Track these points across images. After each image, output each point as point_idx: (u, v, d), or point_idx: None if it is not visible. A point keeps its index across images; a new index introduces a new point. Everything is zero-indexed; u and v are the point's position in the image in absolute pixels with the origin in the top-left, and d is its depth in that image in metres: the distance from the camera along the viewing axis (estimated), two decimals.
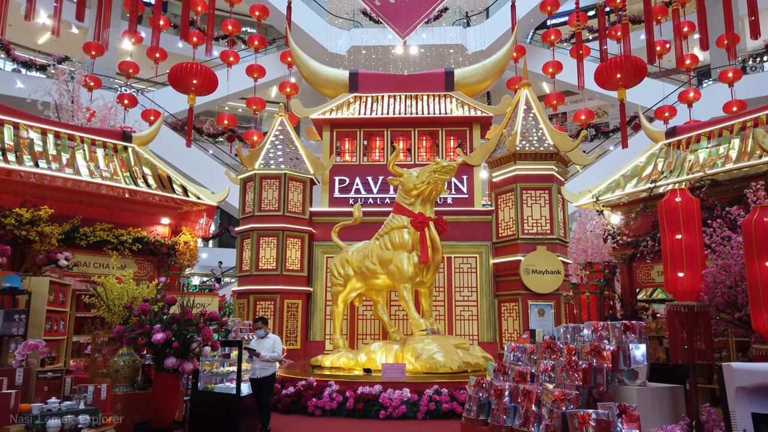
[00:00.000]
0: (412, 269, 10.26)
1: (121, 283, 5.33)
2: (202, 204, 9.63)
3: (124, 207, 9.04)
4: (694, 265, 5.54)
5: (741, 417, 1.11)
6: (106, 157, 9.06)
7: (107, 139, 9.34)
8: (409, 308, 10.35)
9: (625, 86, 13.31)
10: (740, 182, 6.83)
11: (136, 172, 9.22)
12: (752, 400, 1.12)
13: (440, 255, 10.38)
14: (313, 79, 14.89)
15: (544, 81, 26.55)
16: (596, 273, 8.70)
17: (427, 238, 10.18)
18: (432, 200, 10.44)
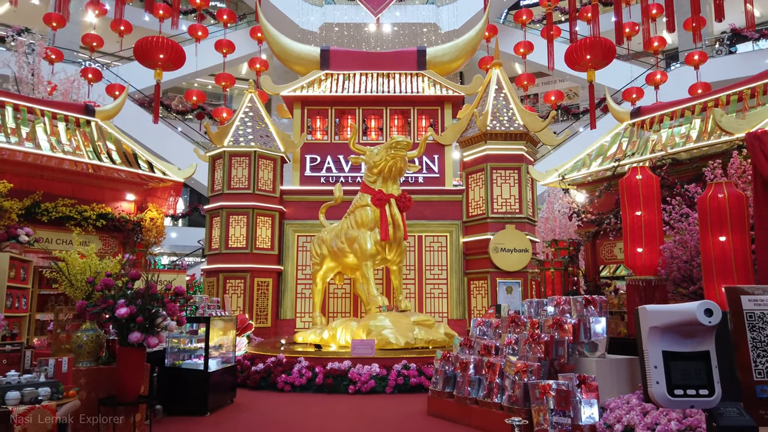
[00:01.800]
0: (373, 247, 10.34)
1: (84, 258, 5.25)
2: (168, 180, 9.49)
3: (87, 182, 8.86)
4: (653, 241, 5.72)
5: (653, 354, 1.22)
6: (68, 131, 8.83)
7: (69, 113, 9.09)
8: (368, 286, 10.47)
9: (594, 67, 13.50)
10: (700, 161, 7.03)
11: (99, 147, 9.02)
12: (663, 339, 1.23)
13: (402, 232, 10.33)
14: (284, 55, 14.69)
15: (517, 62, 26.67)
16: (561, 250, 8.89)
17: (387, 215, 10.20)
18: (394, 177, 10.38)
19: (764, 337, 1.53)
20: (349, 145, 10.78)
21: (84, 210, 8.39)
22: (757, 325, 1.52)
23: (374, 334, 9.68)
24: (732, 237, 4.92)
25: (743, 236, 4.98)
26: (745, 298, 1.55)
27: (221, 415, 7.17)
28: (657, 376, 1.29)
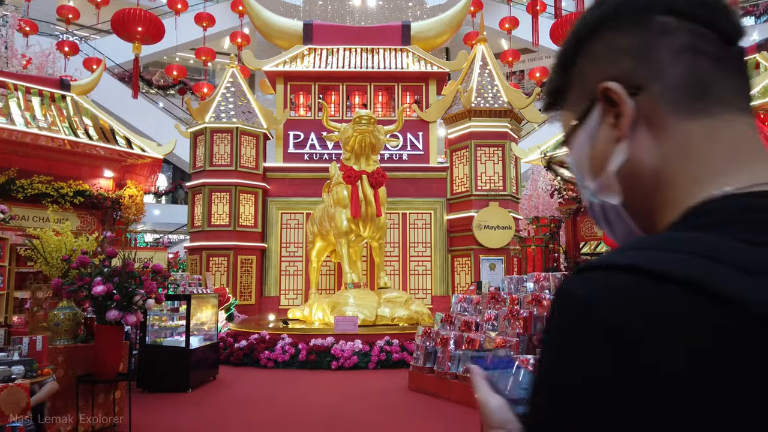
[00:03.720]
0: (346, 224, 10.34)
1: (59, 235, 5.18)
2: (147, 157, 9.32)
3: (63, 159, 8.67)
4: None
5: None
6: (43, 106, 8.61)
7: (43, 87, 8.85)
8: (342, 263, 10.54)
9: None
10: None
11: (75, 122, 8.82)
12: None
13: (374, 209, 10.26)
14: (266, 29, 14.43)
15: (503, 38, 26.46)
16: (542, 227, 8.94)
17: (359, 191, 10.13)
18: (366, 153, 10.24)
19: None
20: (323, 123, 10.68)
21: (60, 187, 8.23)
22: None
23: (336, 311, 9.80)
24: None
25: None
26: None
27: (203, 391, 7.20)
28: None
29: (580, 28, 0.65)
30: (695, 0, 0.60)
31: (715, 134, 0.57)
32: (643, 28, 0.60)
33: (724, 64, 0.59)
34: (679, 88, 0.58)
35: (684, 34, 0.59)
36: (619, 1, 0.62)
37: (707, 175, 0.56)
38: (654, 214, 0.60)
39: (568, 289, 0.48)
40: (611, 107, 0.61)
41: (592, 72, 0.63)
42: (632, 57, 0.60)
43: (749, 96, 0.61)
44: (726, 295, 0.42)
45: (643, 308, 0.43)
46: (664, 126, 0.59)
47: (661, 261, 0.45)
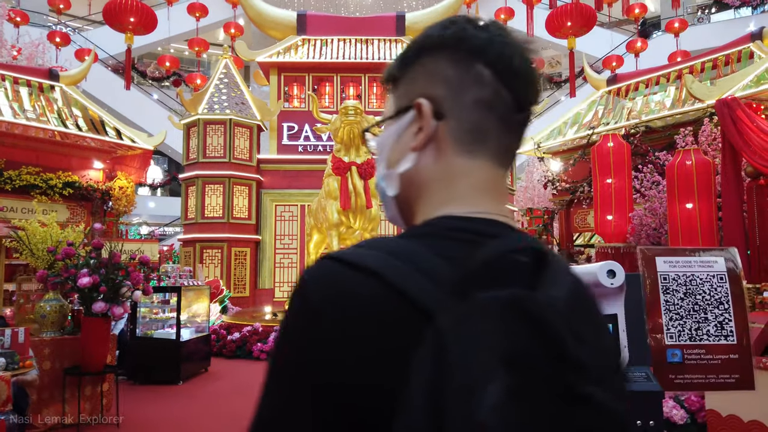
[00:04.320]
0: (336, 216, 10.30)
1: (45, 227, 5.12)
2: (137, 148, 9.24)
3: (52, 150, 8.59)
4: (622, 208, 5.73)
5: None
6: (31, 96, 8.53)
7: (32, 77, 8.76)
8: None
9: (574, 34, 13.34)
10: (673, 129, 7.01)
11: (64, 113, 8.73)
12: None
13: (363, 200, 10.19)
14: (259, 20, 14.31)
15: None
16: (536, 219, 8.91)
17: (348, 183, 10.08)
18: (356, 145, 10.18)
19: (678, 300, 1.46)
20: (313, 114, 10.60)
21: (49, 178, 8.16)
22: (671, 288, 1.45)
23: None
24: (698, 204, 4.93)
25: (709, 203, 5.00)
26: (660, 260, 1.49)
27: (194, 383, 7.17)
28: None
29: (427, 40, 0.74)
30: (514, 68, 0.70)
31: (472, 173, 0.71)
32: (466, 69, 0.70)
33: (508, 125, 0.72)
34: (466, 131, 0.71)
35: (490, 90, 0.70)
36: (462, 36, 0.71)
37: (450, 199, 0.70)
38: (414, 216, 0.74)
39: (303, 274, 0.62)
40: (419, 120, 0.72)
41: (420, 81, 0.73)
42: (449, 88, 0.71)
43: (513, 155, 0.76)
44: (399, 287, 0.57)
45: (334, 285, 0.58)
46: (444, 154, 0.71)
47: (361, 255, 0.60)
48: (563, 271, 0.62)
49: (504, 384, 0.48)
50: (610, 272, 1.18)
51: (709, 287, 1.43)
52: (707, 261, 1.45)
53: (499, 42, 0.70)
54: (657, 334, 1.41)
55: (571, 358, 0.51)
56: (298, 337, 0.59)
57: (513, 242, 0.62)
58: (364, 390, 0.55)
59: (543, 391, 0.50)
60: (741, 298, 1.42)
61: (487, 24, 0.73)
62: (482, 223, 0.67)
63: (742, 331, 1.40)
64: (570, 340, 0.52)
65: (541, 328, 0.51)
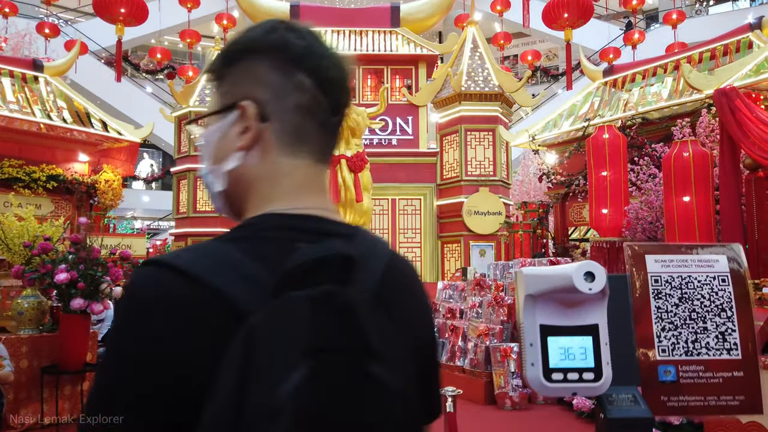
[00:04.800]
0: None
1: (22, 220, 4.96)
2: (124, 140, 9.05)
3: (35, 142, 8.38)
4: (618, 202, 5.59)
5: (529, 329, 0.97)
6: (14, 87, 8.31)
7: (15, 68, 8.54)
8: None
9: (571, 26, 13.19)
10: (670, 120, 6.86)
11: (48, 104, 8.53)
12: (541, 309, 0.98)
13: (352, 194, 10.03)
14: (252, 11, 14.08)
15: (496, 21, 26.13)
16: (531, 212, 8.76)
17: (338, 176, 9.93)
18: (345, 137, 9.98)
19: (671, 307, 1.24)
20: None
21: (33, 171, 7.96)
22: (664, 292, 1.23)
23: None
24: (696, 197, 4.79)
25: (707, 196, 4.86)
26: (650, 259, 1.26)
27: None
28: (532, 356, 1.03)
29: (249, 42, 0.79)
30: (330, 77, 0.78)
31: (295, 172, 0.77)
32: (288, 75, 0.76)
33: (325, 128, 0.79)
34: (288, 133, 0.77)
35: (310, 96, 0.77)
36: (284, 44, 0.77)
37: (274, 196, 0.76)
38: (244, 211, 0.80)
39: (130, 277, 0.70)
40: (244, 120, 0.77)
41: (244, 82, 0.78)
42: (272, 92, 0.76)
43: (330, 154, 0.83)
44: (213, 288, 0.64)
45: (154, 287, 0.66)
46: (268, 154, 0.77)
47: (181, 259, 0.67)
48: (379, 264, 0.71)
49: (305, 372, 0.54)
50: (587, 275, 0.99)
51: (708, 291, 1.24)
52: (707, 260, 1.26)
53: (317, 52, 0.78)
54: (647, 347, 1.21)
55: (370, 347, 0.58)
56: (126, 331, 0.66)
57: (328, 243, 0.67)
58: (180, 380, 0.61)
59: (341, 376, 0.55)
60: (747, 304, 1.22)
61: (306, 33, 0.79)
62: (302, 218, 0.74)
63: (749, 343, 1.20)
64: (372, 330, 0.58)
65: (346, 320, 0.58)
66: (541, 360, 0.99)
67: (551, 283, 0.99)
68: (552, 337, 0.99)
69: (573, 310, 0.98)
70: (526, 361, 1.01)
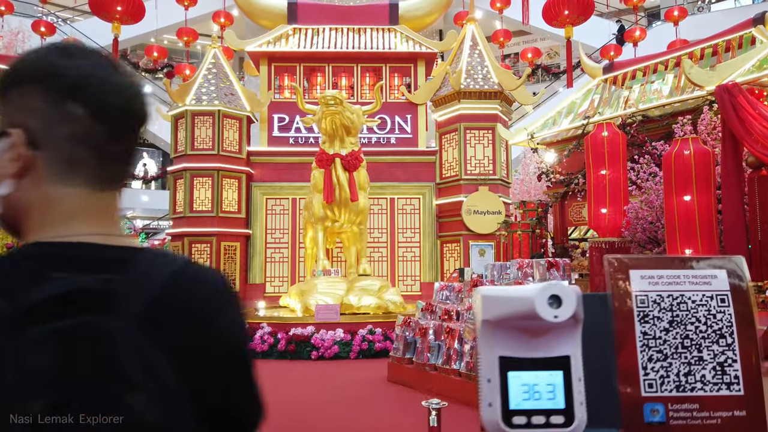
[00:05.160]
0: (320, 209, 10.10)
1: None
2: None
3: None
4: (617, 201, 5.45)
5: (486, 362, 0.79)
6: None
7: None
8: (316, 249, 10.32)
9: (572, 23, 13.02)
10: (671, 118, 6.71)
11: None
12: (501, 338, 0.79)
13: (347, 193, 9.88)
14: (249, 8, 13.97)
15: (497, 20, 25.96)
16: (529, 212, 8.63)
17: (332, 175, 9.81)
18: (341, 135, 9.84)
19: (660, 332, 1.02)
20: (299, 106, 10.34)
21: None
22: (652, 314, 1.01)
23: (303, 298, 9.66)
24: (697, 196, 4.65)
25: (708, 196, 4.72)
26: (636, 274, 1.02)
27: None
28: (489, 394, 0.83)
29: (23, 68, 0.78)
30: (108, 105, 0.78)
31: (66, 200, 0.77)
32: (57, 105, 0.76)
33: (104, 156, 0.79)
34: (60, 162, 0.77)
35: (82, 125, 0.76)
36: (54, 71, 0.76)
37: (44, 225, 0.77)
38: (23, 237, 0.79)
39: None
40: (13, 148, 0.76)
41: (15, 110, 0.77)
42: (42, 121, 0.76)
43: (120, 179, 0.83)
44: None
45: None
46: (40, 182, 0.77)
47: None
48: (151, 289, 0.69)
49: (47, 401, 0.55)
50: (553, 299, 0.80)
51: (705, 313, 1.02)
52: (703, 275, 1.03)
53: (94, 80, 0.77)
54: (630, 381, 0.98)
55: (125, 376, 0.58)
56: None
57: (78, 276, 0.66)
58: None
59: (91, 406, 0.56)
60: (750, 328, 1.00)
61: (84, 59, 0.78)
62: (65, 247, 0.73)
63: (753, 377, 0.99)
64: (129, 359, 0.59)
65: (96, 350, 0.58)
66: (500, 400, 0.80)
67: (511, 307, 0.81)
68: (513, 372, 0.81)
69: (539, 339, 0.81)
70: (482, 401, 0.83)
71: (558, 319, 0.76)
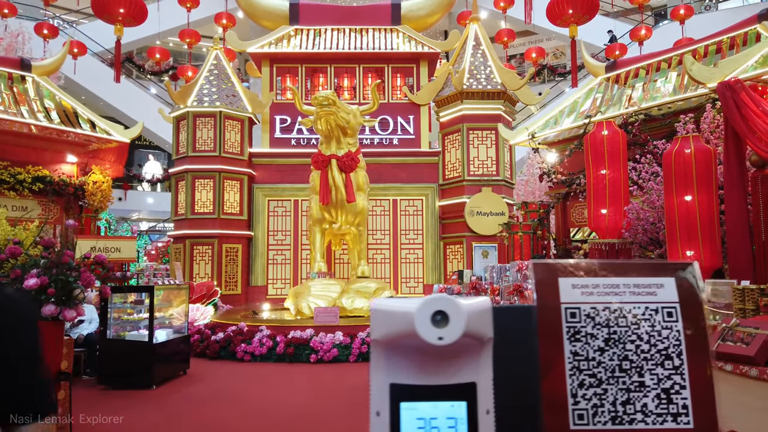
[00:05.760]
0: (317, 211, 10.06)
1: None
2: (113, 141, 8.86)
3: (21, 143, 8.21)
4: (617, 201, 5.31)
5: (376, 391, 0.65)
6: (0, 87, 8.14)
7: (2, 67, 8.37)
8: (313, 250, 10.30)
9: (576, 22, 12.85)
10: (673, 117, 6.56)
11: (35, 104, 8.36)
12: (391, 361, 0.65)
13: (342, 195, 9.78)
14: (250, 9, 13.93)
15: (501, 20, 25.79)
16: (531, 213, 8.49)
17: (328, 177, 9.72)
18: (337, 136, 9.76)
19: (594, 352, 0.82)
20: (297, 107, 10.27)
21: (18, 172, 7.80)
22: (584, 331, 0.83)
23: (297, 301, 9.61)
24: (698, 196, 4.51)
25: (710, 195, 4.57)
26: (565, 283, 0.83)
27: (169, 387, 6.83)
28: (378, 430, 0.68)
29: None
30: None
31: None
32: None
33: None
34: None
35: None
36: None
37: None
38: None
39: None
40: None
41: None
42: None
43: None
44: None
45: None
46: None
47: None
48: None
49: None
50: (438, 316, 0.65)
51: (649, 329, 0.83)
52: (647, 284, 0.83)
53: None
54: (556, 412, 0.80)
55: None
56: None
57: None
58: None
59: None
60: (703, 348, 0.80)
61: None
62: None
63: (705, 406, 0.79)
64: None
65: None
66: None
67: (396, 325, 0.66)
68: (407, 403, 0.65)
69: (439, 362, 0.65)
70: None
71: (443, 341, 0.61)
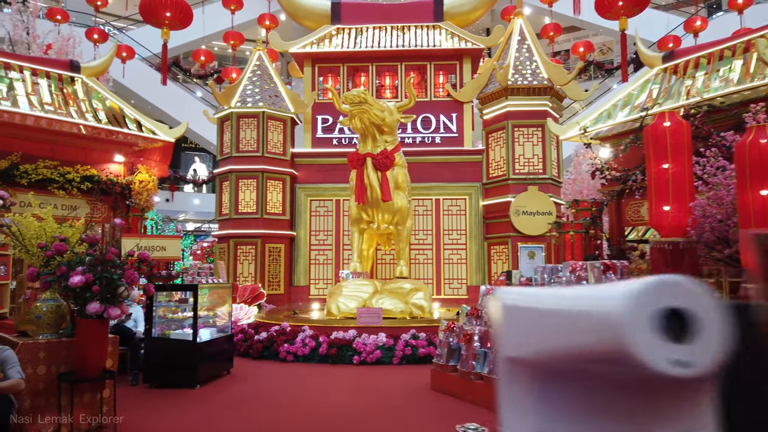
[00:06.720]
0: (354, 211, 9.91)
1: (41, 221, 4.81)
2: (158, 140, 8.94)
3: (69, 143, 8.36)
4: (682, 198, 4.95)
5: None
6: (51, 88, 8.33)
7: (52, 69, 8.57)
8: (353, 251, 10.18)
9: (626, 14, 12.31)
10: (740, 107, 6.12)
11: (84, 105, 8.51)
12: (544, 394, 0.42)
13: (377, 193, 9.53)
14: (293, 9, 13.93)
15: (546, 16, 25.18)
16: (583, 211, 8.11)
17: (365, 176, 9.54)
18: (372, 134, 9.56)
19: None
20: (336, 107, 10.17)
21: (67, 172, 7.92)
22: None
23: (330, 301, 9.59)
24: None
25: None
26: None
27: (213, 387, 6.80)
28: None
29: None
30: None
31: None
32: None
33: None
34: None
35: None
36: None
37: None
38: None
39: None
40: None
41: None
42: None
43: None
44: None
45: None
46: None
47: None
48: None
49: None
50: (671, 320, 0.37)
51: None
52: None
53: None
54: None
55: None
56: None
57: None
58: None
59: None
60: None
61: None
62: None
63: None
64: None
65: None
66: None
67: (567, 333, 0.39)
68: None
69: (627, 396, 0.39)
70: None
71: (688, 369, 0.34)
